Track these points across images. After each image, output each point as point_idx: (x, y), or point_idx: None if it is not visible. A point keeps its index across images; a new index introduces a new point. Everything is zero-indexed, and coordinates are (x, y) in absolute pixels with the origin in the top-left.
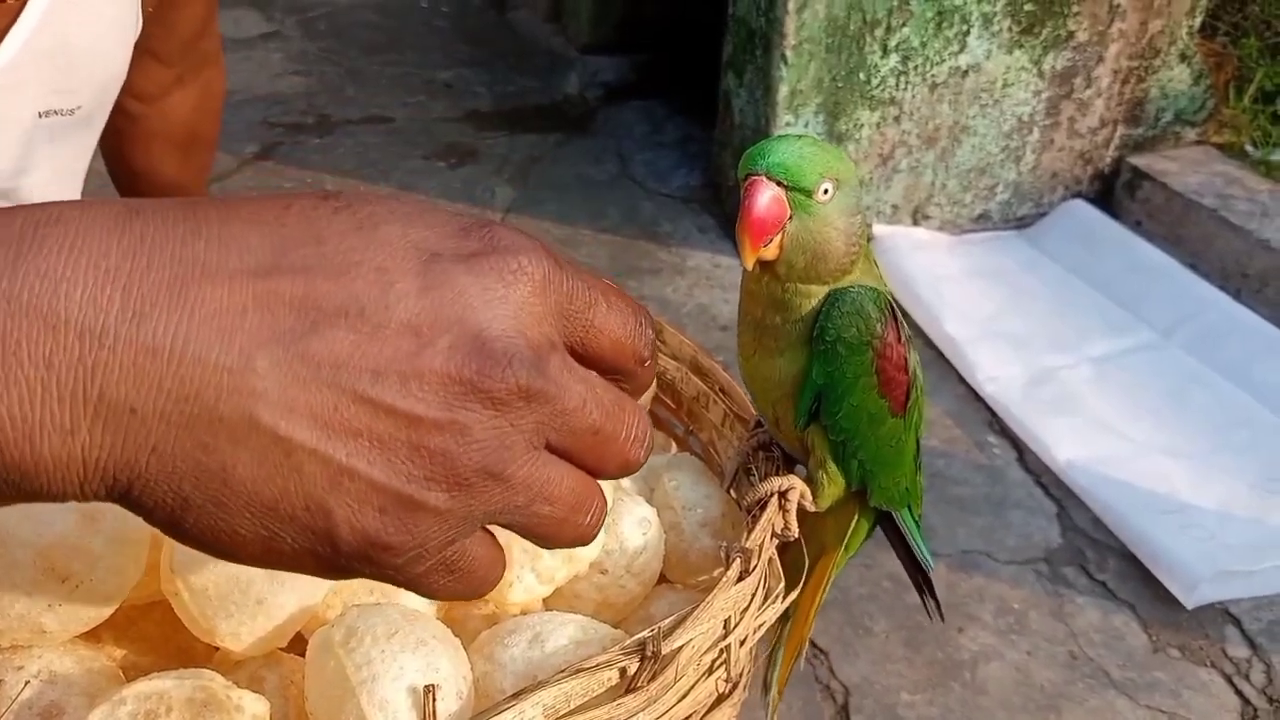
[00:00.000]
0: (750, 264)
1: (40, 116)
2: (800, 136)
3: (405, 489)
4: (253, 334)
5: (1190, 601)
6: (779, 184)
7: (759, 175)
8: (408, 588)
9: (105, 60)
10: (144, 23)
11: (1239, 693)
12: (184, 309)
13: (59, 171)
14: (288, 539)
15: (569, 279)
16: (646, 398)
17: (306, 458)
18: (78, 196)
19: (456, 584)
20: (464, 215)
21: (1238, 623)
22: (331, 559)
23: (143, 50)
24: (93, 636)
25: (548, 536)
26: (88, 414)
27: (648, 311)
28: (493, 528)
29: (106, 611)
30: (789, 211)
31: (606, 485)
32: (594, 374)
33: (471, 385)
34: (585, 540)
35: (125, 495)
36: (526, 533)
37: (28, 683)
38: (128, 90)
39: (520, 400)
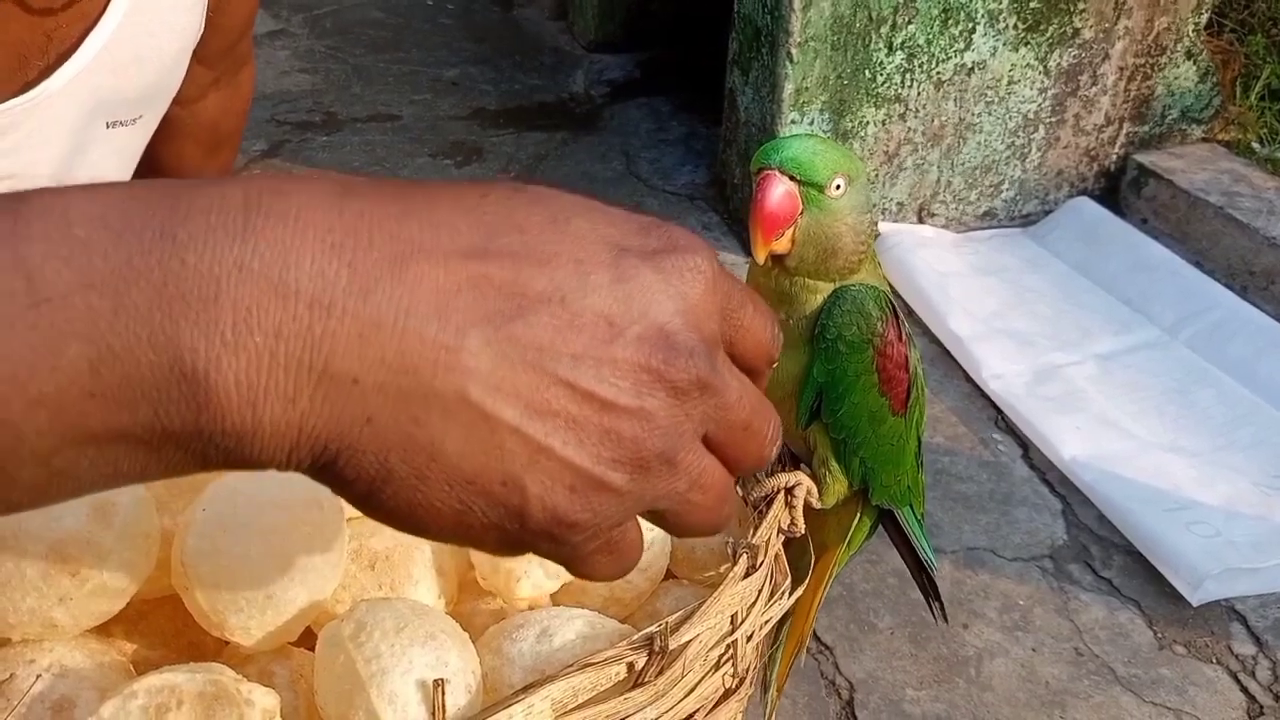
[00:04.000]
0: (762, 257)
1: (107, 127)
2: (812, 135)
3: (594, 469)
4: (466, 313)
5: (1195, 598)
6: (792, 178)
7: (772, 170)
8: (570, 565)
9: (169, 68)
10: None
11: (1244, 689)
12: (405, 285)
13: (111, 179)
14: (479, 513)
15: (728, 280)
16: None
17: (509, 435)
18: None
19: (612, 564)
20: (639, 213)
21: (1243, 620)
22: (517, 535)
23: (192, 54)
24: (104, 631)
25: (692, 524)
26: (310, 383)
27: (776, 319)
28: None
29: (117, 606)
30: (801, 206)
31: None
32: (741, 373)
33: (658, 374)
34: (720, 529)
35: (329, 466)
36: (676, 518)
37: (39, 676)
38: None
39: (697, 391)
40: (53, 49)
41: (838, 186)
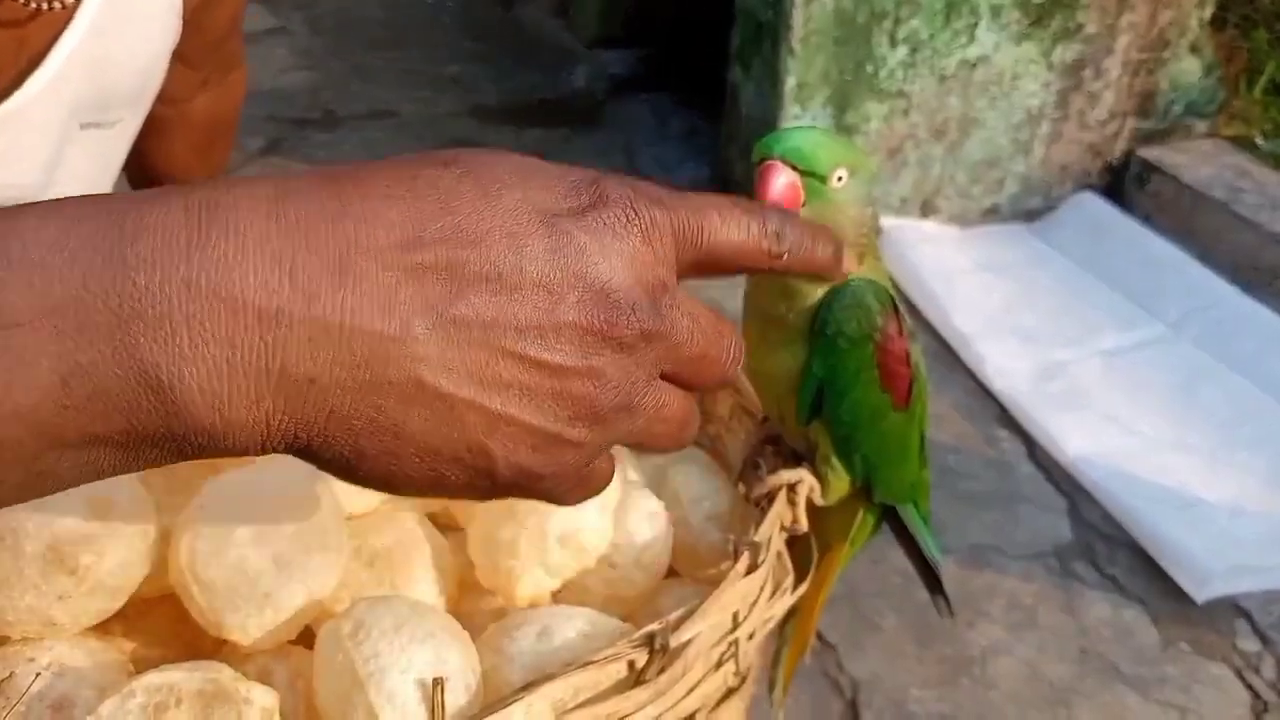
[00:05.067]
0: None
1: (82, 129)
2: (814, 127)
3: (553, 428)
4: (408, 304)
5: (1201, 596)
6: (794, 168)
7: (774, 160)
8: (545, 500)
9: (147, 71)
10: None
11: (1250, 687)
12: (347, 287)
13: (94, 183)
14: (452, 476)
15: (673, 214)
16: None
17: (467, 409)
18: None
19: (586, 492)
20: (571, 171)
21: (1248, 617)
22: (489, 489)
23: (174, 55)
24: (103, 629)
25: (657, 448)
26: (270, 385)
27: (773, 209)
28: None
29: (116, 604)
30: (803, 197)
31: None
32: (697, 303)
33: (602, 334)
34: (683, 446)
35: (305, 450)
36: (641, 447)
37: (38, 675)
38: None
39: (643, 342)
40: (24, 56)
41: (839, 178)
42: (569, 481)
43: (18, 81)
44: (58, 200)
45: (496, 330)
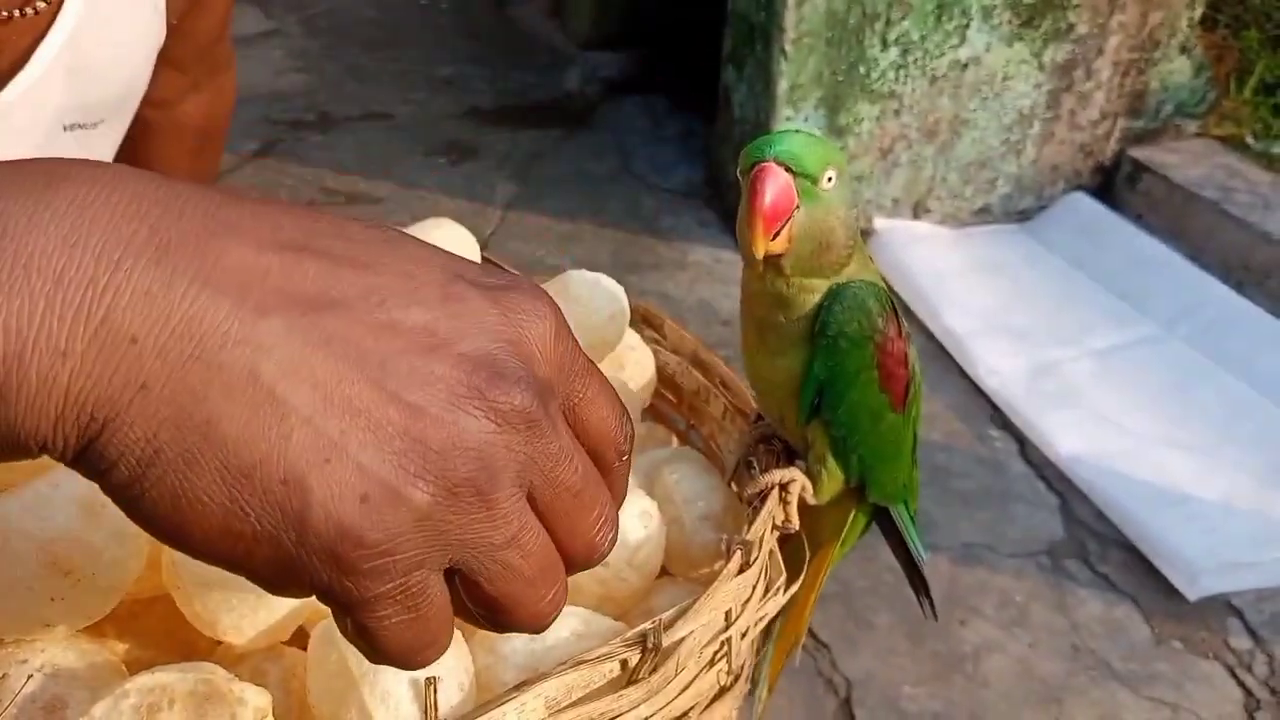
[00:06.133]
0: (761, 252)
1: (65, 130)
2: (799, 130)
3: (393, 478)
4: (271, 294)
5: (1193, 593)
6: (788, 170)
7: (768, 162)
8: (354, 613)
9: (131, 74)
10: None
11: (1241, 684)
12: (208, 257)
13: None
14: (252, 516)
15: (575, 343)
16: (646, 395)
17: (298, 425)
18: None
19: (406, 629)
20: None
21: (1240, 614)
22: (293, 550)
23: (161, 58)
24: (95, 630)
25: (508, 598)
26: (85, 335)
27: (629, 413)
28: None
29: (109, 605)
30: (797, 200)
31: None
32: (578, 441)
33: (479, 393)
34: (540, 624)
35: (94, 444)
36: (490, 583)
37: (30, 676)
38: (144, 97)
39: (521, 423)
40: (5, 59)
41: (830, 179)
42: (392, 582)
43: (0, 84)
44: None
45: (361, 350)
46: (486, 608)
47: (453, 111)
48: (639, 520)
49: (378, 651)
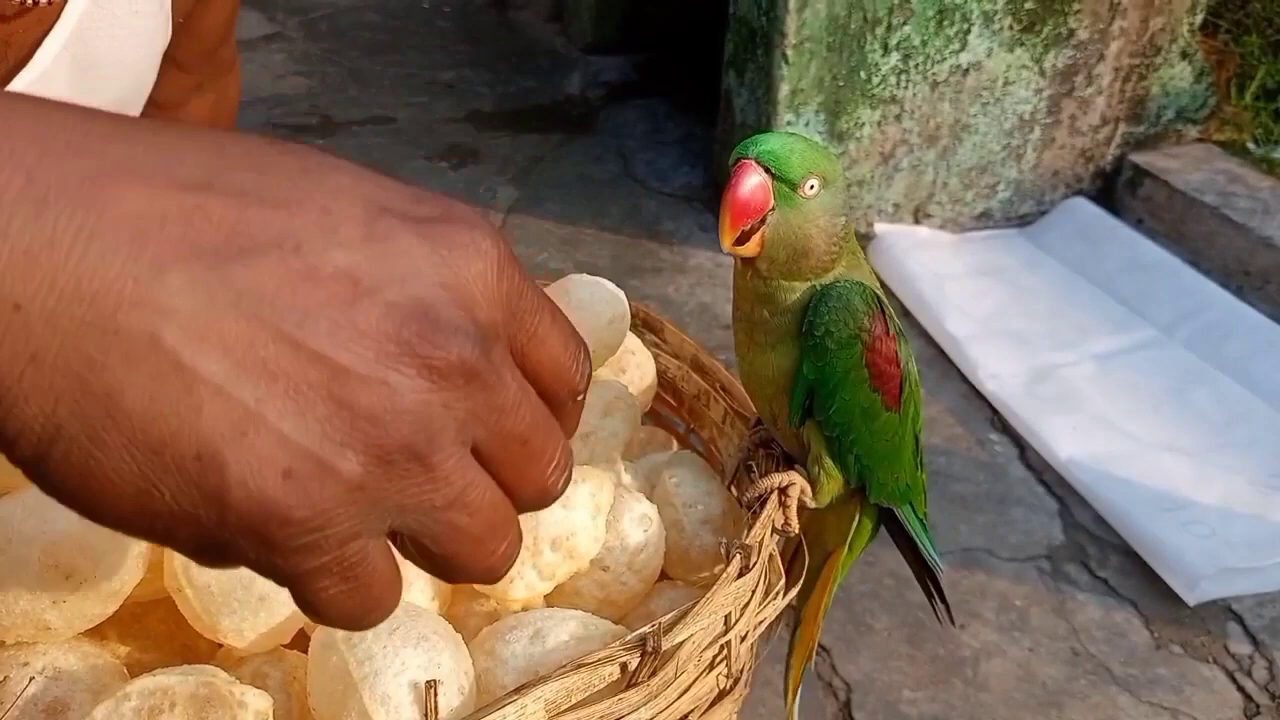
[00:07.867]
0: (728, 244)
1: None
2: (793, 134)
3: (318, 449)
4: (170, 245)
5: (1192, 598)
6: (766, 170)
7: (749, 160)
8: (291, 588)
9: (137, 73)
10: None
11: (1241, 689)
12: (95, 205)
13: None
14: (167, 494)
15: (522, 275)
16: (646, 399)
17: (209, 395)
18: None
19: (348, 597)
20: (428, 191)
21: (1240, 619)
22: (215, 529)
23: (167, 59)
24: (97, 633)
25: (456, 558)
26: None
27: (587, 346)
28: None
29: (110, 608)
30: (772, 201)
31: (605, 482)
32: (528, 384)
33: (410, 347)
34: (493, 576)
35: None
36: (435, 547)
37: (32, 679)
38: (149, 98)
39: (460, 378)
40: (10, 54)
41: (811, 186)
42: (326, 557)
43: (4, 80)
44: None
45: (275, 306)
46: (435, 566)
47: (454, 115)
48: (639, 524)
49: (322, 618)
